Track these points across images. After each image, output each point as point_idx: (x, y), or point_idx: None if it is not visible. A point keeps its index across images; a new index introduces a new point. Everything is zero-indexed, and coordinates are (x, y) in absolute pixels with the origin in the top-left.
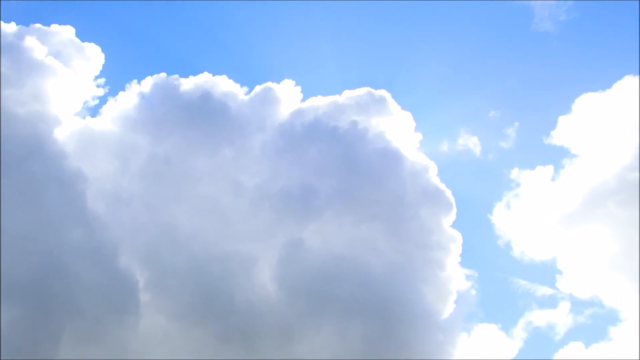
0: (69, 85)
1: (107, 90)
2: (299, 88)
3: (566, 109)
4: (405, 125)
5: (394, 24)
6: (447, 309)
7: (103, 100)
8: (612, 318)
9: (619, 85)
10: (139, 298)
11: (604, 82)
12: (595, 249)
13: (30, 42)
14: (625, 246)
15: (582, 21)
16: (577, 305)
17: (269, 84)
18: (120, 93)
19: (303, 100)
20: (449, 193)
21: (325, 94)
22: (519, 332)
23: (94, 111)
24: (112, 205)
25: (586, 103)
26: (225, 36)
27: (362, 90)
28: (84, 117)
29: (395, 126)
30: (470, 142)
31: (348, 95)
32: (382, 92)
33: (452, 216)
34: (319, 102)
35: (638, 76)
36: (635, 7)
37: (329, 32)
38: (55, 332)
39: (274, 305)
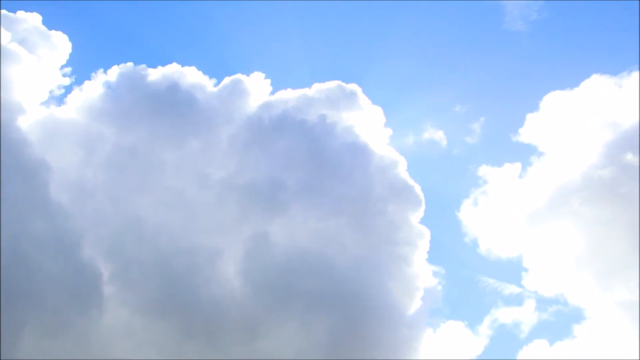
0: (34, 73)
1: (74, 80)
2: (268, 81)
3: (534, 107)
4: (375, 120)
5: (368, 18)
6: (414, 305)
7: (69, 89)
8: (576, 316)
9: (586, 84)
10: (103, 291)
11: (572, 80)
12: (561, 247)
13: None
14: (591, 245)
15: (553, 21)
16: (542, 303)
17: (238, 76)
18: (86, 82)
19: (272, 93)
20: (418, 189)
21: (295, 87)
22: (485, 329)
23: (60, 101)
24: (76, 196)
25: (554, 101)
26: (195, 27)
27: (333, 84)
28: (49, 107)
29: (365, 121)
30: (436, 136)
31: (318, 89)
32: (353, 86)
33: (420, 212)
34: (289, 95)
35: (606, 75)
36: (606, 8)
37: (300, 24)
38: (16, 324)
39: (238, 300)
